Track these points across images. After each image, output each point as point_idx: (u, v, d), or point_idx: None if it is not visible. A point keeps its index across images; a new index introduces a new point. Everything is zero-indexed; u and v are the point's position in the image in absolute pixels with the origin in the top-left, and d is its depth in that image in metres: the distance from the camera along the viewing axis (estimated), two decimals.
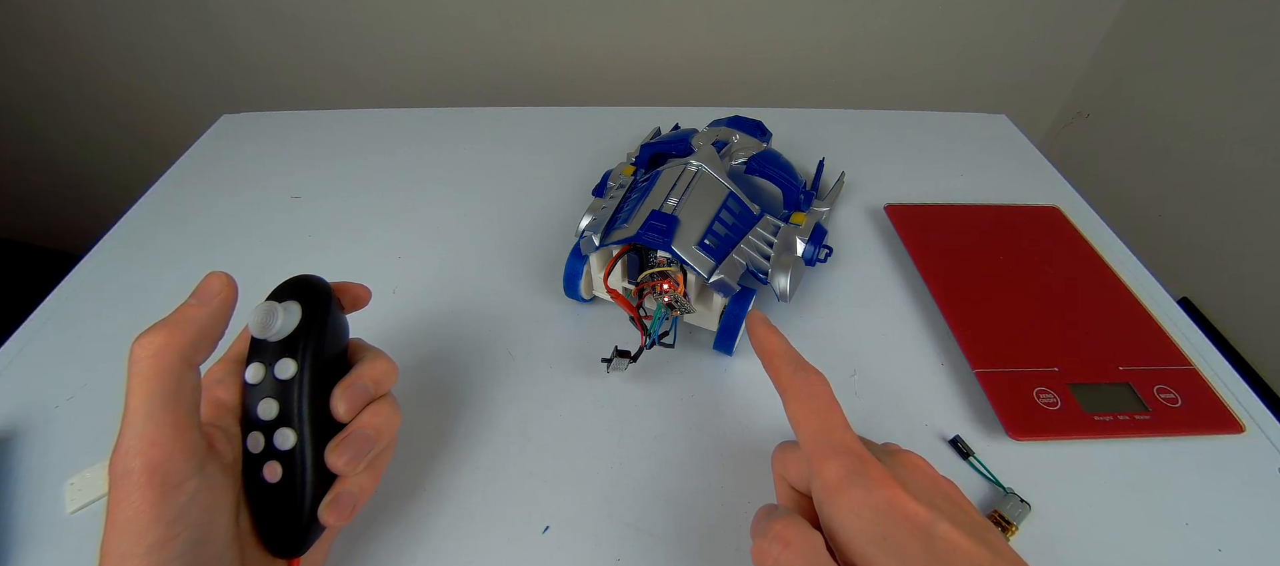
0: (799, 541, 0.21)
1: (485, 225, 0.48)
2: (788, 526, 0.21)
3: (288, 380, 0.23)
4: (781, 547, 0.21)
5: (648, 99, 0.98)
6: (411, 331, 0.39)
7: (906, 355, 0.38)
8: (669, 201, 0.36)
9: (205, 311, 0.22)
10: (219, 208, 0.50)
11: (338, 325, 0.25)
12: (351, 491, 0.24)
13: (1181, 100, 0.84)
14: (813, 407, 0.24)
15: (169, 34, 0.95)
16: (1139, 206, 0.90)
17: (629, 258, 0.36)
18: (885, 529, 0.20)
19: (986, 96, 0.99)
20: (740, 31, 0.91)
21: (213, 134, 0.59)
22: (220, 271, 0.23)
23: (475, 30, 0.91)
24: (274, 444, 0.23)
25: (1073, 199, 0.50)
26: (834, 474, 0.21)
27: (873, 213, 0.49)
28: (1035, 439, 0.33)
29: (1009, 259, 0.43)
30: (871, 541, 0.20)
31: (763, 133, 0.50)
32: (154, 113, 1.07)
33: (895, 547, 0.19)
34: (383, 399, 0.25)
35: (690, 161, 0.39)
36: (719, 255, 0.35)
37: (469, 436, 0.33)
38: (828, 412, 0.23)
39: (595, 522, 0.30)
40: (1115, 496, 0.31)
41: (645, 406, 0.35)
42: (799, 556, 0.20)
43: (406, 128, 0.59)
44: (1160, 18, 0.85)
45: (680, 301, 0.34)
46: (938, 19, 0.89)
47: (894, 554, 0.19)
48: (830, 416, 0.23)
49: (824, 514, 0.21)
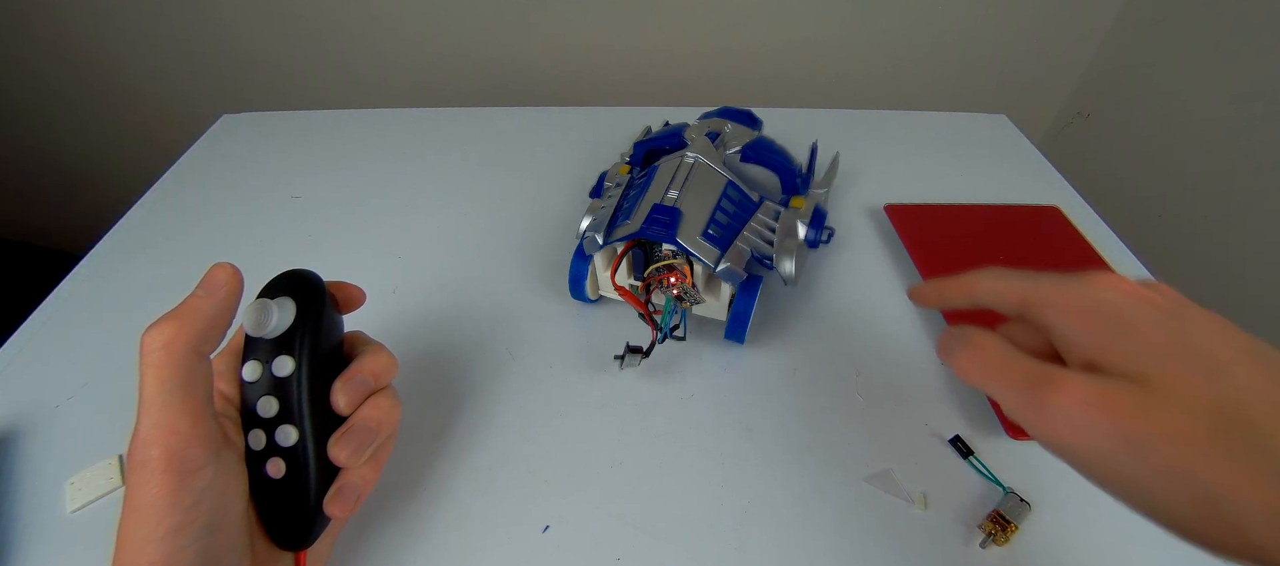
0: (993, 343, 0.21)
1: (485, 224, 0.48)
2: (983, 334, 0.21)
3: (286, 377, 0.23)
4: (979, 351, 0.21)
5: (646, 99, 0.98)
6: (411, 330, 0.39)
7: (907, 355, 0.38)
8: (669, 194, 0.36)
9: (213, 302, 0.22)
10: (219, 208, 0.50)
11: (333, 319, 0.25)
12: (355, 483, 0.24)
13: (1181, 100, 0.84)
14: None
15: (169, 33, 0.95)
16: (1139, 206, 0.90)
17: (634, 254, 0.36)
18: (1126, 311, 0.19)
19: (986, 96, 0.99)
20: (739, 31, 0.91)
21: (213, 134, 0.59)
22: (226, 263, 0.23)
23: (475, 30, 0.91)
24: (276, 440, 0.23)
25: (1073, 199, 0.50)
26: (1060, 280, 0.21)
27: (872, 212, 0.49)
28: None
29: (1009, 259, 0.43)
30: (1111, 325, 0.19)
31: (753, 121, 0.50)
32: (155, 112, 1.07)
33: (1143, 325, 0.18)
34: (383, 391, 0.26)
35: (686, 153, 0.39)
36: (723, 244, 0.35)
37: (469, 436, 0.33)
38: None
39: (595, 522, 0.30)
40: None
41: (646, 404, 0.35)
42: (996, 349, 0.20)
43: (406, 127, 0.59)
44: (1160, 18, 0.85)
45: (689, 293, 0.34)
46: (937, 19, 0.89)
47: (1137, 335, 0.18)
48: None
49: (1048, 319, 0.21)
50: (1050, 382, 0.18)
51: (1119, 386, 0.17)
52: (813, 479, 0.31)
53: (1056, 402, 0.18)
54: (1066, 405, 0.18)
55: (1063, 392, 0.18)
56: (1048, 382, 0.18)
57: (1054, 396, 0.18)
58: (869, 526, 0.30)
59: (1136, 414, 0.17)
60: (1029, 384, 0.19)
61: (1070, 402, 0.18)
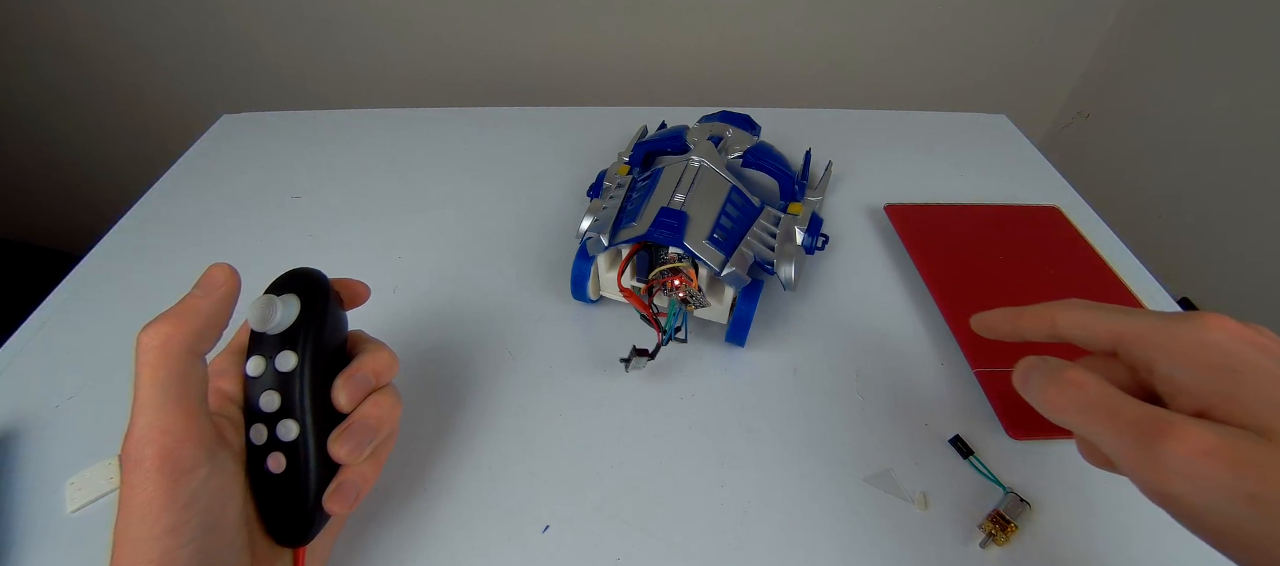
0: (1093, 381, 0.20)
1: (485, 224, 0.48)
2: (1078, 370, 0.20)
3: (289, 372, 0.23)
4: (1077, 389, 0.20)
5: (645, 99, 0.98)
6: (412, 330, 0.39)
7: (906, 355, 0.38)
8: (676, 198, 0.36)
9: (210, 302, 0.22)
10: (219, 207, 0.50)
11: (337, 317, 0.25)
12: (354, 480, 0.24)
13: (1181, 100, 0.84)
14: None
15: (169, 32, 0.95)
16: (1139, 206, 0.90)
17: (638, 256, 0.36)
18: (1240, 356, 0.18)
19: (986, 96, 0.99)
20: (739, 30, 0.91)
21: (213, 134, 0.59)
22: (223, 263, 0.23)
23: (475, 29, 0.91)
24: (277, 435, 0.23)
25: (1073, 199, 0.50)
26: (1163, 317, 0.20)
27: (873, 213, 0.49)
28: (1035, 438, 0.33)
29: (1009, 259, 0.43)
30: (1226, 371, 0.18)
31: (752, 126, 0.50)
32: (155, 112, 1.07)
33: (1262, 373, 0.17)
34: (384, 389, 0.26)
35: (691, 157, 0.39)
36: (728, 248, 0.35)
37: (469, 435, 0.33)
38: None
39: (595, 522, 0.30)
40: (1115, 496, 0.31)
41: (646, 404, 0.35)
42: (1097, 388, 0.19)
43: (406, 127, 0.59)
44: (1160, 18, 0.85)
45: (695, 295, 0.34)
46: (938, 19, 0.89)
47: (1256, 383, 0.17)
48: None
49: (1152, 359, 0.20)
50: (1165, 430, 0.17)
51: (1244, 440, 0.17)
52: (813, 479, 0.31)
53: (1172, 452, 0.17)
54: (1184, 456, 0.17)
55: (1180, 442, 0.17)
56: (1162, 430, 0.17)
57: (1169, 445, 0.17)
58: (869, 526, 0.30)
59: (1266, 471, 0.16)
60: (1139, 429, 0.18)
61: (1189, 453, 0.17)
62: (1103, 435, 0.19)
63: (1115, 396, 0.19)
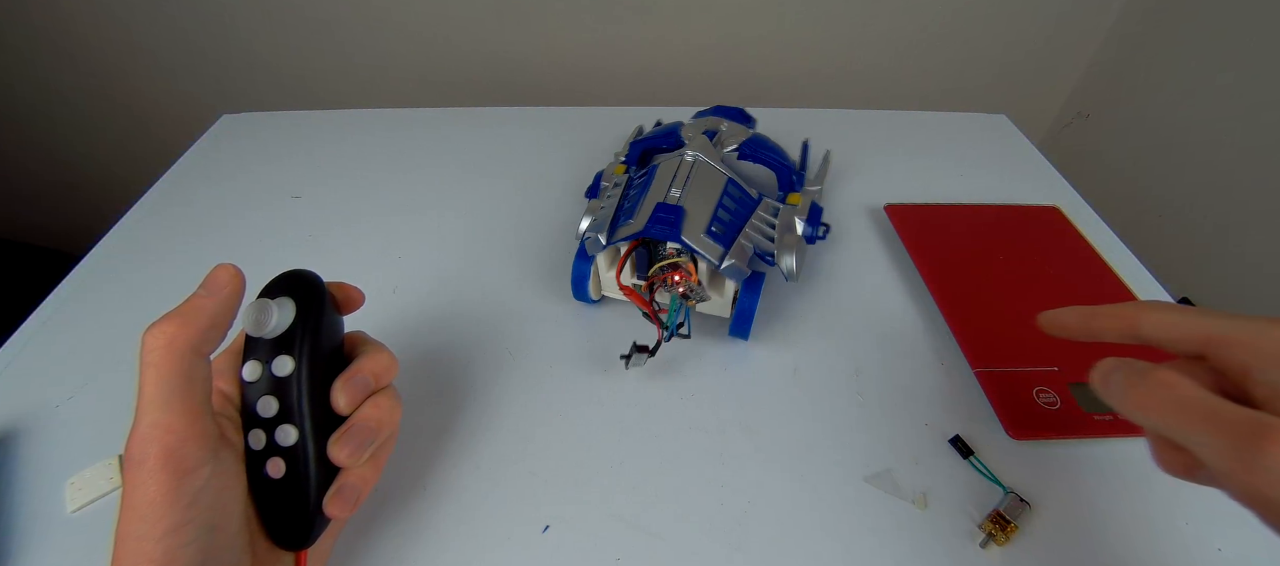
0: (1186, 384, 0.19)
1: (485, 224, 0.48)
2: (1170, 371, 0.20)
3: (286, 377, 0.23)
4: (1168, 391, 0.19)
5: (646, 98, 0.98)
6: (412, 330, 0.39)
7: (907, 355, 0.38)
8: (672, 193, 0.36)
9: (215, 302, 0.22)
10: (219, 207, 0.50)
11: (333, 319, 0.25)
12: (354, 483, 0.24)
13: (1181, 100, 0.84)
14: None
15: (169, 32, 0.95)
16: (1139, 206, 0.90)
17: (637, 253, 0.36)
18: None
19: (986, 96, 0.99)
20: (739, 30, 0.91)
21: (213, 134, 0.59)
22: (228, 263, 0.23)
23: (475, 29, 0.91)
24: (276, 440, 0.23)
25: (1073, 199, 0.50)
26: (1257, 320, 0.19)
27: (873, 212, 0.49)
28: (1035, 438, 0.33)
29: (1009, 258, 0.43)
30: None
31: (747, 119, 0.50)
32: (155, 112, 1.07)
33: None
34: (384, 391, 0.26)
35: (686, 152, 0.39)
36: (727, 241, 0.35)
37: (469, 435, 0.33)
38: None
39: (595, 522, 0.30)
40: (1115, 496, 0.31)
41: (646, 404, 0.35)
42: (1191, 389, 0.19)
43: (406, 127, 0.59)
44: (1160, 18, 0.85)
45: (695, 290, 0.34)
46: (938, 18, 0.89)
47: None
48: None
49: (1249, 363, 0.19)
50: (1268, 434, 0.17)
51: None
52: (813, 479, 0.31)
53: (1276, 455, 0.16)
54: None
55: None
56: (1265, 434, 0.17)
57: (1273, 448, 0.16)
58: (869, 526, 0.30)
59: None
60: (1239, 433, 0.17)
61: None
62: (1200, 438, 0.19)
63: (1213, 398, 0.19)
